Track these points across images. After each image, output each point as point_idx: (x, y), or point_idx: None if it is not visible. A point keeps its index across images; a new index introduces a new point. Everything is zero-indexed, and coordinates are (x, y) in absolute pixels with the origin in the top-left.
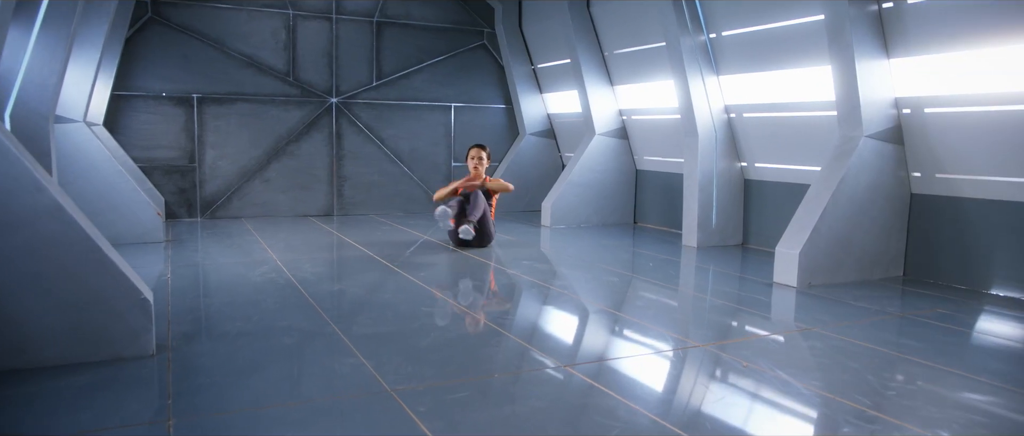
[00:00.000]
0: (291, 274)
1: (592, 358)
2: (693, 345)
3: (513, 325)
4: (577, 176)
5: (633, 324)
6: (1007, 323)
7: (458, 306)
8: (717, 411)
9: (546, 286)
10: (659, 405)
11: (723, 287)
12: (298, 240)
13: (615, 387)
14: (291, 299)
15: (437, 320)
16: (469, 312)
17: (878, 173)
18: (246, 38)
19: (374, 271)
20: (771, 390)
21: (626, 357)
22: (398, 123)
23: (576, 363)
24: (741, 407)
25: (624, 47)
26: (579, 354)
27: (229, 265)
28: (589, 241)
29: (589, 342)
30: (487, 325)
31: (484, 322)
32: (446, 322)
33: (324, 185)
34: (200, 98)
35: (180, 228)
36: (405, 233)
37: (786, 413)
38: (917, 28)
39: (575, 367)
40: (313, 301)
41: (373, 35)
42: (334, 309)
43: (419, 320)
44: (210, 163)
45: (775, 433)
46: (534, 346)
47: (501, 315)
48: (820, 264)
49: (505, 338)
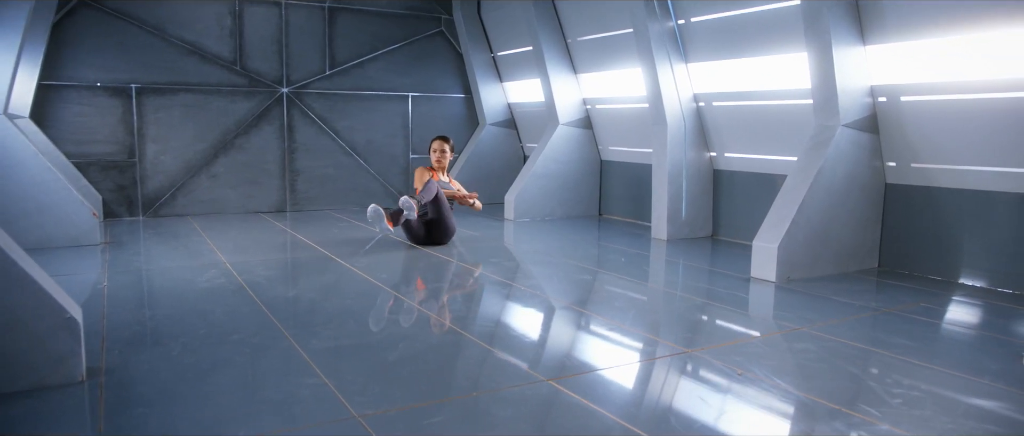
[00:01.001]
0: (242, 278)
1: (577, 369)
2: (681, 351)
3: (487, 332)
4: (541, 167)
5: (615, 328)
6: (992, 316)
7: (424, 311)
8: (722, 426)
9: (516, 286)
10: (657, 422)
11: (701, 283)
12: (248, 239)
13: (607, 403)
14: (242, 307)
15: (403, 328)
16: (437, 318)
17: (854, 163)
18: (188, 24)
19: (331, 273)
20: (773, 400)
21: (613, 367)
22: (353, 114)
23: (562, 376)
24: (744, 422)
25: (588, 34)
26: (563, 365)
27: (173, 269)
28: (556, 235)
29: (571, 350)
30: (458, 333)
31: (455, 330)
32: (413, 330)
33: (275, 180)
34: (139, 88)
35: (120, 228)
36: (362, 229)
37: (795, 427)
38: (894, 13)
39: (561, 381)
40: (266, 309)
41: (325, 21)
42: (290, 318)
43: (384, 329)
44: (151, 158)
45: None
46: (513, 357)
47: (472, 321)
48: (798, 258)
49: (480, 348)
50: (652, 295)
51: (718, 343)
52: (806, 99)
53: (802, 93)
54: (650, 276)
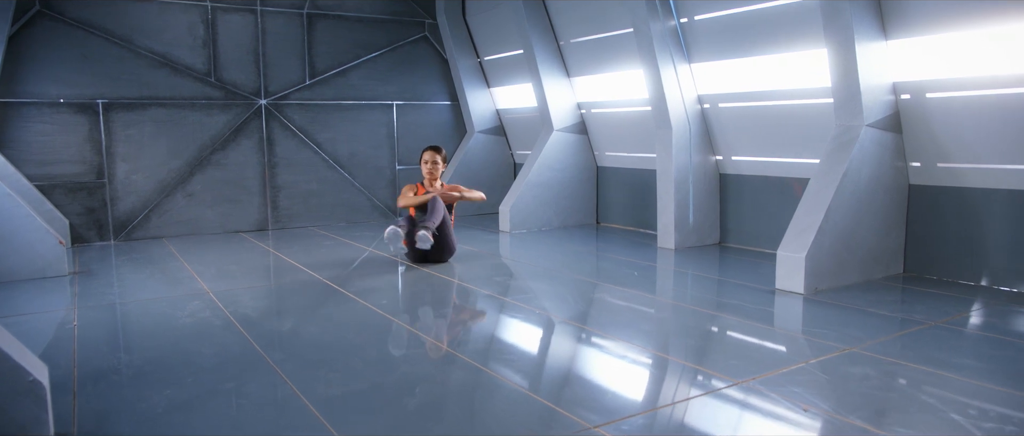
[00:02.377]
0: (228, 311)
1: (629, 410)
2: (734, 382)
3: (513, 368)
4: (536, 176)
5: (653, 357)
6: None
7: (437, 344)
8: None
9: (529, 310)
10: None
11: (726, 298)
12: (231, 263)
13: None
14: (233, 348)
15: (418, 367)
16: (453, 352)
17: (878, 165)
18: (157, 34)
19: (326, 300)
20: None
21: (668, 405)
22: (335, 125)
23: (613, 419)
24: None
25: (582, 35)
26: (611, 406)
27: (152, 303)
28: (557, 247)
29: (614, 386)
30: (482, 371)
31: (477, 366)
32: (430, 369)
33: (256, 197)
34: (106, 104)
35: (90, 254)
36: (351, 247)
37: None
38: (918, 5)
39: (614, 426)
40: (260, 349)
41: (304, 29)
42: (288, 358)
43: (396, 368)
44: (122, 178)
45: None
46: (550, 399)
47: (493, 354)
48: (825, 267)
49: (510, 389)
50: (680, 314)
51: (769, 370)
52: (820, 98)
53: (816, 92)
54: (670, 291)
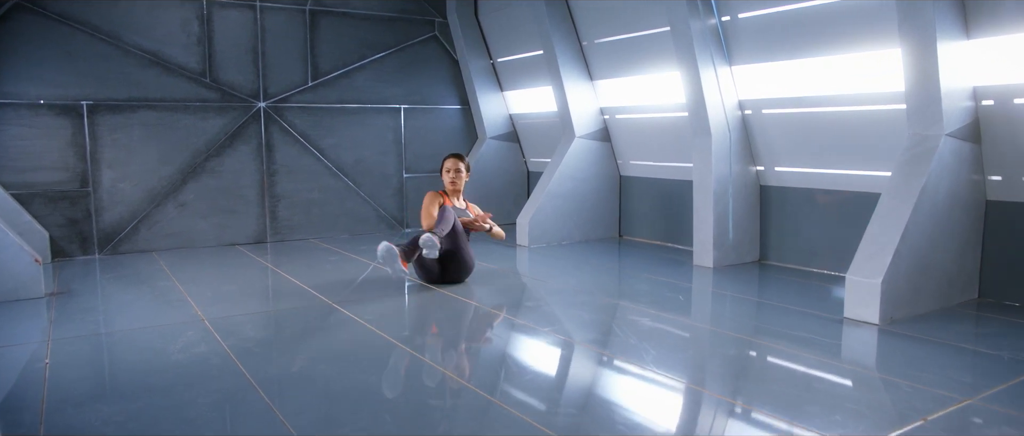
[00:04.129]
0: (226, 344)
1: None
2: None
3: (570, 422)
4: (556, 186)
5: (729, 405)
6: None
7: (473, 389)
8: None
9: (569, 342)
10: None
11: (794, 331)
12: (227, 282)
13: None
14: (234, 393)
15: (457, 419)
16: (495, 400)
17: (955, 179)
18: (148, 31)
19: (337, 330)
20: None
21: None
22: (339, 130)
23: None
24: None
25: (608, 35)
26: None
27: (138, 333)
28: (582, 264)
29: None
30: (531, 426)
31: (526, 420)
32: (473, 422)
33: (254, 207)
34: (91, 106)
35: (72, 271)
36: (357, 262)
37: None
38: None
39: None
40: (266, 396)
41: (306, 27)
42: (302, 409)
43: (431, 421)
44: (108, 186)
45: None
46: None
47: (543, 401)
48: (901, 293)
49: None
50: (748, 350)
51: (881, 431)
52: (885, 104)
53: (880, 97)
54: (725, 320)
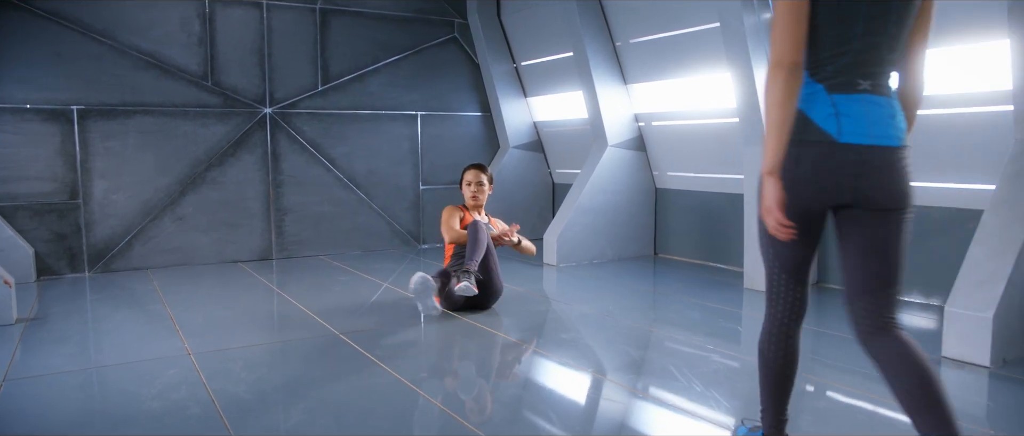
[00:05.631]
0: (211, 388)
1: None
2: None
3: None
4: (587, 200)
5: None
6: None
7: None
8: None
9: (628, 390)
10: None
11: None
12: (224, 307)
13: None
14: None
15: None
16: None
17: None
18: (145, 30)
19: (349, 373)
20: None
21: None
22: (351, 138)
23: None
24: None
25: (645, 34)
26: None
27: (109, 372)
28: (621, 287)
29: None
30: None
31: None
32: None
33: (258, 221)
34: (82, 111)
35: (57, 291)
36: (370, 283)
37: None
38: None
39: None
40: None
41: (317, 27)
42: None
43: None
44: (100, 198)
45: None
46: None
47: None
48: (1014, 330)
49: None
50: (827, 390)
51: None
52: (973, 106)
53: (969, 99)
54: (814, 365)
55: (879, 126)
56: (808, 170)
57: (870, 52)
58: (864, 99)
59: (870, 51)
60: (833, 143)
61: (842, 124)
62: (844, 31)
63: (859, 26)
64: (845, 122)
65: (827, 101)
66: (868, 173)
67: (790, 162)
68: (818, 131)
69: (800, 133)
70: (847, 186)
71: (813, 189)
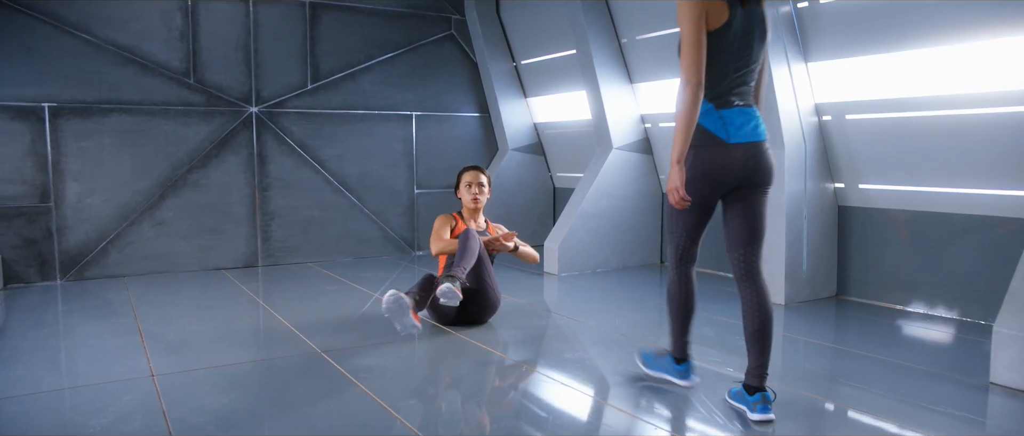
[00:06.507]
0: (171, 419)
1: None
2: None
3: None
4: (590, 205)
5: None
6: None
7: None
8: None
9: (656, 429)
10: None
11: (937, 405)
12: (199, 322)
13: None
14: None
15: None
16: None
17: None
18: (123, 24)
19: (327, 399)
20: None
21: None
22: (342, 139)
23: None
24: None
25: (653, 30)
26: None
27: (58, 397)
28: (627, 299)
29: None
30: None
31: None
32: None
33: (243, 226)
34: (54, 108)
35: (25, 300)
36: (360, 293)
37: None
38: None
39: None
40: None
41: (306, 22)
42: None
43: None
44: (74, 201)
45: None
46: None
47: None
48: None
49: None
50: (875, 431)
51: None
52: (1000, 106)
53: (996, 98)
54: (838, 388)
55: (753, 128)
56: (709, 167)
57: (739, 80)
58: (741, 111)
59: (739, 79)
60: (725, 144)
61: (729, 130)
62: (722, 66)
63: (732, 63)
64: (731, 128)
65: (716, 115)
66: (750, 161)
67: (698, 162)
68: (713, 137)
69: (699, 140)
70: (737, 173)
71: (713, 181)
